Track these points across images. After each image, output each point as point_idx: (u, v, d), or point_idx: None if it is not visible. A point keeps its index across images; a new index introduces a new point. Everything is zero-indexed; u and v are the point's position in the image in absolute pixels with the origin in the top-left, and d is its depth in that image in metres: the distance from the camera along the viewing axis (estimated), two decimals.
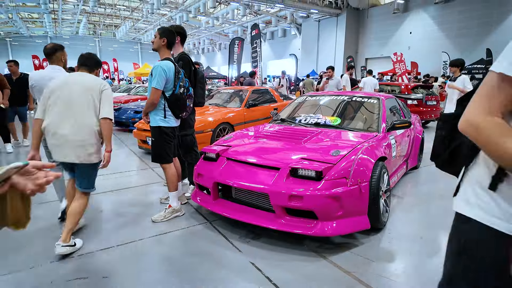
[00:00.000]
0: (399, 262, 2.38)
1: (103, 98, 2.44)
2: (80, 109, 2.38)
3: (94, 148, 2.44)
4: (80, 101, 2.39)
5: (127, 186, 4.07)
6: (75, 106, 2.38)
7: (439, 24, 23.01)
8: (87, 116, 2.40)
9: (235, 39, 12.48)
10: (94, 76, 2.57)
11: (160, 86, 2.83)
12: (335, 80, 6.58)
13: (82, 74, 2.54)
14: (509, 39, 1.90)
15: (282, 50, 32.53)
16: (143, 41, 42.02)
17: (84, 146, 2.39)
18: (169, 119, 2.97)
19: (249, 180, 2.60)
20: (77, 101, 2.38)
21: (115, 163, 5.18)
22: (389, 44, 25.68)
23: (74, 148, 2.37)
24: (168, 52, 3.02)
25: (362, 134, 3.25)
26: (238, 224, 2.87)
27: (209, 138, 5.40)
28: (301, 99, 4.38)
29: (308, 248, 2.54)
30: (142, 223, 3.01)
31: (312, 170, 2.40)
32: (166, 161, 3.04)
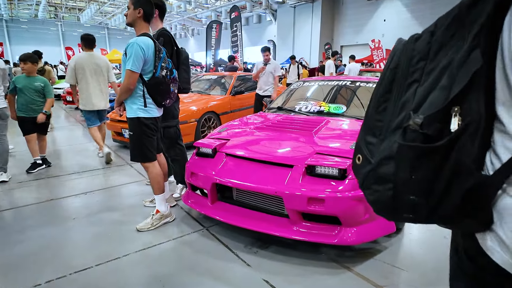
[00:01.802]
0: (431, 270, 2.08)
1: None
2: None
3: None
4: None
5: (102, 187, 3.52)
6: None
7: (412, 12, 23.30)
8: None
9: (212, 23, 11.77)
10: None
11: (137, 67, 2.31)
12: (273, 64, 5.33)
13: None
14: None
15: (257, 37, 31.83)
16: (110, 26, 39.53)
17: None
18: (149, 108, 2.46)
19: (256, 180, 2.18)
20: None
21: (86, 159, 4.57)
22: (364, 31, 25.77)
23: None
24: (146, 26, 2.49)
25: None
26: (239, 229, 2.45)
27: (194, 129, 4.90)
28: (298, 85, 3.98)
29: (327, 257, 2.18)
30: (124, 233, 2.52)
31: (335, 168, 2.02)
32: (148, 159, 2.55)
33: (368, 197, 0.72)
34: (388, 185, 0.66)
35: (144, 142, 2.49)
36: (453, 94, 0.58)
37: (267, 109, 3.71)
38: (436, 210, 0.64)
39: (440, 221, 0.68)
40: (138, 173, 3.95)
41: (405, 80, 0.68)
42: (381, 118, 0.71)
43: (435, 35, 0.66)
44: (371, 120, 0.73)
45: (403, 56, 0.71)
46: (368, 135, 0.74)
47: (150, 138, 2.50)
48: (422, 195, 0.63)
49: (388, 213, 0.72)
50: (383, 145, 0.68)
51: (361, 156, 0.74)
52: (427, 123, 0.59)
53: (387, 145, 0.66)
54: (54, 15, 36.42)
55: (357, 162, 0.77)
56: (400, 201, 0.66)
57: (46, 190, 3.44)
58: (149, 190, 3.37)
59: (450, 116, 0.58)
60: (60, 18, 36.60)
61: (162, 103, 2.51)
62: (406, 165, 0.62)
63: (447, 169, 0.59)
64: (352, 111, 3.21)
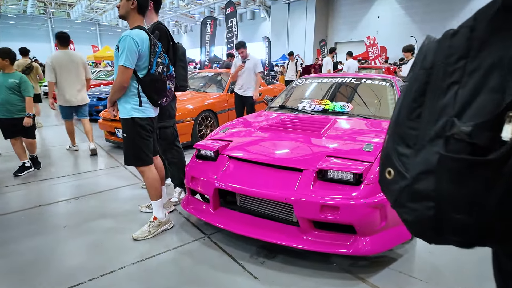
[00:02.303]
0: (452, 281, 1.94)
1: None
2: None
3: None
4: None
5: (94, 191, 3.32)
6: None
7: (405, 9, 23.32)
8: None
9: (207, 18, 11.51)
10: None
11: (131, 63, 2.12)
12: (253, 60, 4.87)
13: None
14: None
15: (251, 33, 31.58)
16: (101, 22, 38.85)
17: None
18: (145, 108, 2.28)
19: (263, 186, 2.01)
20: None
21: (77, 161, 4.36)
22: (358, 28, 25.73)
23: None
24: (141, 19, 2.29)
25: (382, 122, 2.76)
26: (243, 237, 2.29)
27: (191, 128, 4.72)
28: (299, 83, 3.82)
29: (339, 267, 2.04)
30: (120, 242, 2.33)
31: (350, 172, 1.87)
32: (144, 162, 2.36)
33: (404, 217, 0.64)
34: (428, 203, 0.57)
35: (139, 144, 2.30)
36: (510, 98, 0.48)
37: (268, 108, 3.54)
38: (488, 231, 0.54)
39: (493, 243, 0.60)
40: (133, 176, 3.76)
41: (443, 81, 0.58)
42: (415, 125, 0.62)
43: (475, 30, 0.57)
44: (403, 127, 0.64)
45: (438, 55, 0.61)
46: (400, 145, 0.64)
47: (145, 140, 2.32)
48: (470, 214, 0.53)
49: (430, 235, 0.62)
50: (419, 157, 0.59)
51: (393, 169, 0.64)
52: (476, 132, 0.51)
53: (425, 157, 0.58)
54: (44, 11, 35.64)
55: (387, 177, 0.66)
56: (444, 221, 0.56)
57: (34, 195, 3.23)
58: (145, 194, 3.19)
59: (502, 123, 0.50)
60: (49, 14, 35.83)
61: (158, 102, 2.32)
62: (450, 180, 0.54)
63: (501, 184, 0.50)
64: (358, 109, 3.07)
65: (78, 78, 4.43)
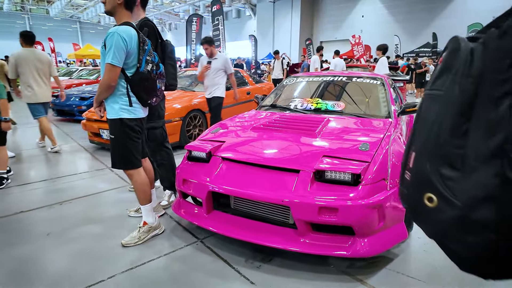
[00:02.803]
0: (450, 280, 1.94)
1: None
2: None
3: None
4: None
5: (79, 195, 3.18)
6: None
7: (388, 8, 23.72)
8: None
9: (193, 16, 11.31)
10: None
11: (119, 61, 2.01)
12: (221, 59, 4.33)
13: None
14: (453, 23, 1.45)
15: (237, 32, 31.43)
16: (82, 20, 37.79)
17: None
18: (134, 108, 2.17)
19: (259, 188, 1.95)
20: None
21: (60, 163, 4.18)
22: (343, 27, 26.02)
23: None
24: (128, 15, 2.19)
25: (375, 120, 2.75)
26: (237, 240, 2.22)
27: (179, 128, 4.60)
28: (290, 81, 3.77)
29: (337, 269, 2.00)
30: (108, 249, 2.22)
31: (348, 173, 1.83)
32: (133, 165, 2.25)
33: (455, 249, 0.55)
34: (488, 235, 0.49)
35: (128, 146, 2.20)
36: None
37: (259, 107, 3.48)
38: None
39: None
40: (120, 178, 3.63)
41: (493, 91, 0.51)
42: (461, 143, 0.54)
43: None
44: (446, 146, 0.55)
45: (486, 60, 0.53)
46: (443, 166, 0.55)
47: (134, 142, 2.21)
48: None
49: (489, 271, 0.54)
50: (471, 180, 0.51)
51: (435, 195, 0.56)
52: None
53: (479, 180, 0.50)
54: (21, 7, 34.34)
55: (427, 204, 0.57)
56: (510, 256, 0.49)
57: (13, 200, 3.06)
58: (133, 197, 3.07)
59: None
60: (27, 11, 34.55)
61: (148, 101, 2.22)
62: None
63: None
64: (350, 108, 3.05)
65: (44, 75, 4.50)
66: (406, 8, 22.68)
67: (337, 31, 26.44)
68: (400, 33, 21.99)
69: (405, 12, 22.78)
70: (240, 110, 5.63)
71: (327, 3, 27.02)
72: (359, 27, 24.42)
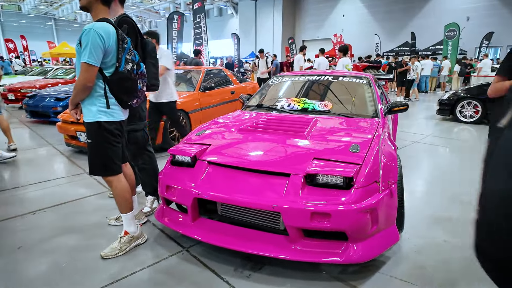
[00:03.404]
0: (442, 282, 1.91)
1: None
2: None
3: None
4: None
5: (55, 203, 2.98)
6: None
7: (368, 8, 24.11)
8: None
9: (174, 14, 11.05)
10: None
11: (96, 60, 1.87)
12: (163, 55, 3.35)
13: None
14: (431, 22, 1.41)
15: (219, 30, 31.14)
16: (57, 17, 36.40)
17: None
18: (113, 111, 2.03)
19: (248, 193, 1.86)
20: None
21: (34, 168, 3.93)
22: (325, 26, 26.25)
23: None
24: (105, 11, 2.04)
25: (363, 120, 2.71)
26: (226, 249, 2.11)
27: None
28: (276, 81, 3.69)
29: (329, 276, 1.93)
30: (86, 262, 2.07)
31: (340, 176, 1.77)
32: (112, 172, 2.11)
33: None
34: None
35: (107, 151, 2.05)
36: None
37: (244, 107, 3.38)
38: None
39: None
40: (99, 183, 3.44)
41: None
42: None
43: None
44: None
45: None
46: None
47: (114, 147, 2.07)
48: None
49: None
50: None
51: None
52: None
53: None
54: None
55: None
56: None
57: None
58: (113, 204, 2.90)
59: None
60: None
61: (128, 103, 2.08)
62: None
63: None
64: (338, 108, 3.00)
65: None
66: (386, 7, 23.12)
67: (319, 30, 26.65)
68: (380, 32, 22.38)
69: (384, 12, 23.21)
70: (224, 110, 5.52)
71: (308, 2, 27.18)
72: (340, 26, 24.70)
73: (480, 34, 17.81)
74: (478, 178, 0.69)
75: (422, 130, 6.35)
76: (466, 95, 6.99)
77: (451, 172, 3.87)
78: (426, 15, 21.05)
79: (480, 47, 17.84)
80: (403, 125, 6.34)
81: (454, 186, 3.38)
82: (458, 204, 2.93)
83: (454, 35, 14.38)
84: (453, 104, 7.11)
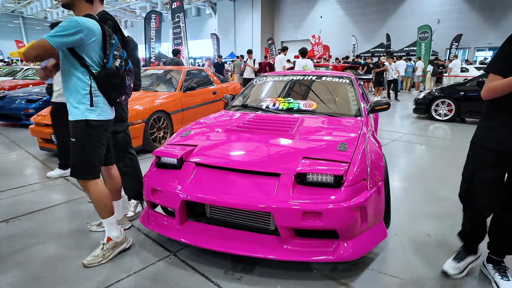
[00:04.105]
0: (431, 276, 1.96)
1: None
2: None
3: None
4: None
5: (30, 210, 2.82)
6: None
7: (345, 10, 24.62)
8: None
9: (151, 13, 10.81)
10: None
11: (57, 43, 1.71)
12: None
13: None
14: (405, 24, 1.51)
15: (197, 30, 30.81)
16: (26, 15, 34.74)
17: None
18: (101, 109, 1.94)
19: (239, 194, 1.82)
20: None
21: (5, 174, 3.71)
22: (303, 27, 26.57)
23: None
24: (89, 8, 1.95)
25: (347, 119, 2.74)
26: (214, 251, 2.07)
27: (142, 131, 4.31)
28: (260, 81, 3.68)
29: (320, 274, 1.93)
30: (67, 272, 1.96)
31: (329, 175, 1.77)
32: (91, 175, 2.00)
33: None
34: None
35: (89, 153, 1.95)
36: None
37: (229, 107, 3.34)
38: None
39: None
40: (77, 188, 3.29)
41: None
42: None
43: None
44: None
45: None
46: None
47: (97, 148, 1.98)
48: None
49: None
50: None
51: None
52: None
53: None
54: None
55: None
56: None
57: None
58: (93, 208, 2.78)
59: None
60: None
61: (117, 100, 2.00)
62: None
63: None
64: (322, 107, 3.02)
65: None
66: (361, 9, 23.69)
67: (297, 31, 26.93)
68: (356, 33, 22.90)
69: (360, 14, 23.78)
70: (207, 110, 5.45)
71: (286, 3, 27.39)
72: (318, 28, 25.07)
73: (450, 36, 18.65)
74: (454, 173, 0.71)
75: (400, 128, 6.54)
76: (441, 95, 7.27)
77: (429, 168, 4.00)
78: (400, 17, 21.78)
79: (450, 49, 18.67)
80: (381, 123, 6.50)
81: (433, 182, 3.49)
82: (437, 199, 3.03)
83: (427, 36, 14.95)
84: (428, 103, 7.37)
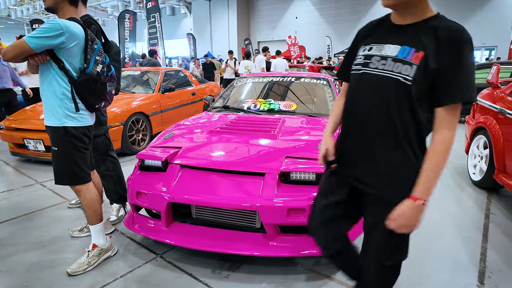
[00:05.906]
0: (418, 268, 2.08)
1: None
2: None
3: None
4: None
5: (6, 217, 2.72)
6: None
7: (319, 11, 25.12)
8: None
9: (125, 12, 10.55)
10: None
11: (38, 44, 1.68)
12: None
13: None
14: None
15: (172, 30, 30.31)
16: None
17: None
18: (80, 115, 1.92)
19: (225, 194, 1.87)
20: None
21: None
22: (278, 28, 26.82)
23: None
24: (74, 11, 1.91)
25: (326, 119, 2.85)
26: (200, 251, 2.10)
27: (120, 134, 4.24)
28: (240, 82, 3.73)
29: (304, 268, 2.02)
30: (50, 280, 1.93)
31: (312, 173, 1.85)
32: (82, 180, 1.99)
33: None
34: None
35: (74, 159, 1.92)
36: None
37: (210, 108, 3.37)
38: None
39: None
40: (55, 194, 3.20)
41: None
42: None
43: None
44: None
45: None
46: None
47: (82, 153, 1.95)
48: None
49: None
50: None
51: None
52: None
53: None
54: None
55: None
56: None
57: None
58: (75, 214, 2.74)
59: None
60: None
61: (96, 106, 1.98)
62: None
63: None
64: (302, 108, 3.12)
65: None
66: (335, 10, 24.24)
67: (273, 31, 27.14)
68: (331, 34, 23.44)
69: (335, 15, 24.33)
70: (186, 111, 5.44)
71: (261, 3, 27.54)
72: (294, 28, 25.40)
73: None
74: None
75: None
76: None
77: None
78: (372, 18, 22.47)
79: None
80: None
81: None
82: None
83: None
84: None
